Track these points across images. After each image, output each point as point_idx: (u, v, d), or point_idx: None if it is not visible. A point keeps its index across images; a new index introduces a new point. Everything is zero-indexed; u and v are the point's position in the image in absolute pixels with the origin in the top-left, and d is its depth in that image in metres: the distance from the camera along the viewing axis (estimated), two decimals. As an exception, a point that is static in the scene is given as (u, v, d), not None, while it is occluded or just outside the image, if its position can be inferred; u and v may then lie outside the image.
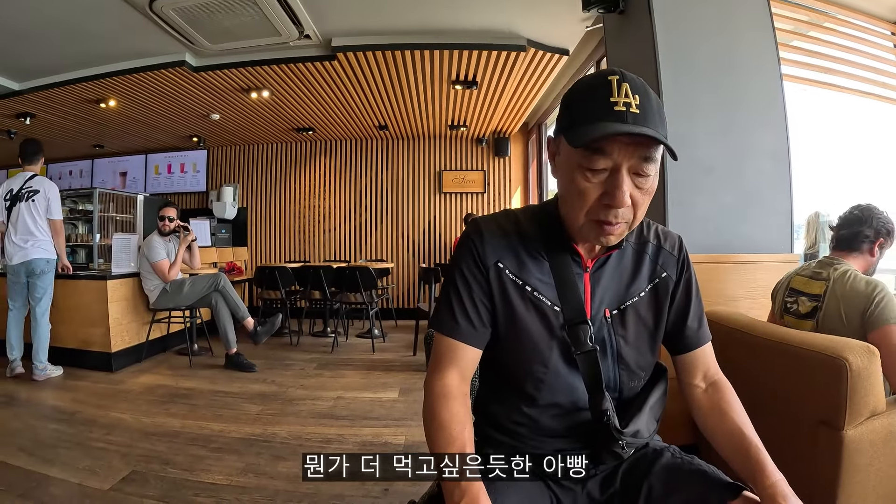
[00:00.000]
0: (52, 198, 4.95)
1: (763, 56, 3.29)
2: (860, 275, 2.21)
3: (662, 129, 1.02)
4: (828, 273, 2.27)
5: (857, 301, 2.11)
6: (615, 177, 1.02)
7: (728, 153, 3.17)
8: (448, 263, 1.33)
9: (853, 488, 1.73)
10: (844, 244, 2.38)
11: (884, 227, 2.34)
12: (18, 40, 5.29)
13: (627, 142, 1.00)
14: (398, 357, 6.09)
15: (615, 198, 1.02)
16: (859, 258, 2.35)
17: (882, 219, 2.35)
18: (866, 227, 2.33)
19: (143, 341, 5.63)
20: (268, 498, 2.67)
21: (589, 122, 1.01)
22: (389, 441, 3.45)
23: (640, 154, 1.02)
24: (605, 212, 1.05)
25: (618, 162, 1.02)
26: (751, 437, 1.14)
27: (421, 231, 9.46)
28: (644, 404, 1.24)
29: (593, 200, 1.05)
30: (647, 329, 1.25)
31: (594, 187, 1.04)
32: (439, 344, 1.21)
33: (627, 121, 0.98)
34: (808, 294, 2.32)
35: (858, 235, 2.34)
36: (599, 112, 1.00)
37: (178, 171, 9.90)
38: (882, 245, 2.37)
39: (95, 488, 2.73)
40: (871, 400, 1.71)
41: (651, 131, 0.99)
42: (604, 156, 1.02)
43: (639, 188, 1.05)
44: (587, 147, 1.02)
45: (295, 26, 5.04)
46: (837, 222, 2.46)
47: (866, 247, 2.35)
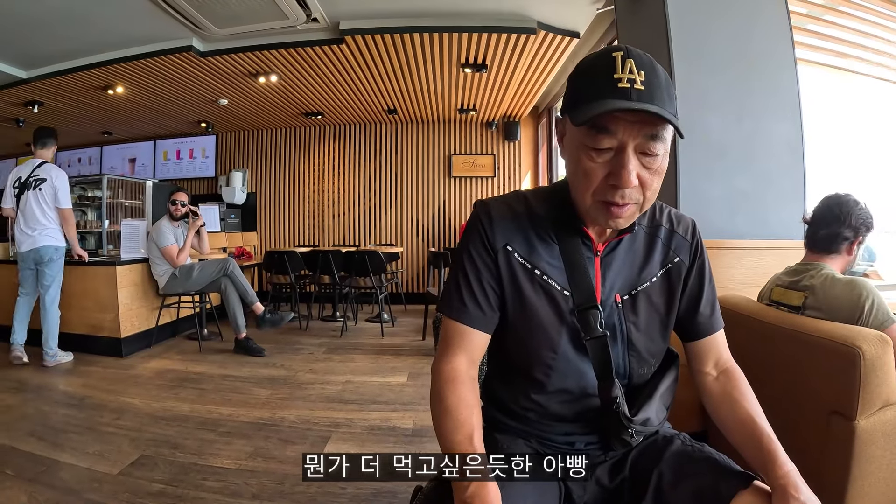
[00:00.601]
0: (60, 186, 4.91)
1: (777, 39, 3.25)
2: (839, 278, 2.09)
3: (670, 106, 0.98)
4: (806, 281, 2.16)
5: (842, 308, 1.99)
6: (621, 156, 0.99)
7: (741, 138, 3.14)
8: (456, 246, 1.31)
9: (865, 479, 1.70)
10: (822, 246, 2.22)
11: (863, 223, 2.17)
12: (25, 28, 5.28)
13: (632, 119, 0.97)
14: (407, 341, 6.11)
15: (621, 178, 0.98)
16: (837, 259, 2.21)
17: (861, 215, 2.16)
18: (845, 227, 2.16)
19: (152, 326, 5.66)
20: (276, 482, 2.68)
21: (592, 100, 0.97)
22: (398, 425, 3.45)
23: (646, 132, 0.98)
24: (611, 192, 1.01)
25: (623, 141, 0.98)
26: (763, 426, 1.11)
27: (430, 215, 9.44)
28: (654, 392, 1.22)
29: (599, 181, 1.02)
30: (658, 315, 1.23)
31: (600, 167, 1.01)
32: (447, 328, 1.18)
33: (631, 97, 0.94)
34: (787, 305, 2.21)
35: (838, 237, 2.17)
36: (603, 89, 0.96)
37: (187, 156, 9.91)
38: (861, 242, 2.21)
39: (105, 472, 2.74)
40: (885, 390, 1.68)
41: (655, 108, 0.94)
42: (608, 134, 0.98)
43: (646, 168, 1.01)
44: (591, 126, 0.98)
45: (302, 9, 5.00)
46: (812, 217, 2.27)
47: (845, 247, 2.19)
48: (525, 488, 1.09)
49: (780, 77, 3.23)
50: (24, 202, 4.82)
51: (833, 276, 2.09)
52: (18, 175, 4.90)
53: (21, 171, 4.91)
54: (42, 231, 4.81)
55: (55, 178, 4.90)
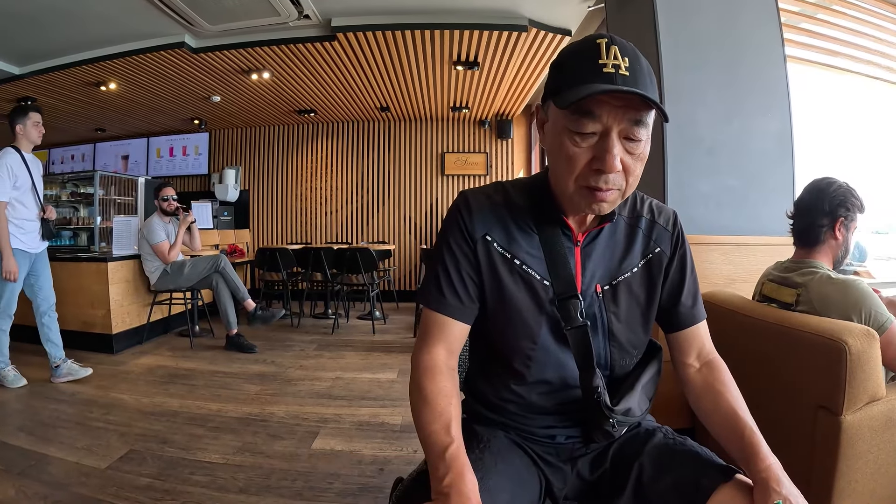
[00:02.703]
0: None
1: (767, 37, 3.26)
2: (834, 278, 1.99)
3: (653, 93, 0.98)
4: (798, 278, 2.09)
5: (835, 311, 1.92)
6: (605, 141, 0.99)
7: (730, 134, 3.15)
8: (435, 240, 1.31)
9: (852, 474, 1.71)
10: (803, 239, 2.14)
11: (840, 205, 2.04)
12: (18, 24, 5.26)
13: (617, 104, 0.97)
14: (398, 338, 6.12)
15: (605, 162, 0.98)
16: (824, 250, 2.10)
17: (836, 196, 2.04)
18: (819, 214, 2.05)
19: (144, 323, 5.66)
20: (263, 476, 2.69)
21: (577, 84, 0.97)
22: (386, 421, 3.46)
23: (631, 117, 0.98)
24: (595, 177, 1.01)
25: (607, 125, 0.98)
26: (745, 419, 1.11)
27: (423, 213, 9.43)
28: (636, 383, 1.22)
29: (583, 166, 1.02)
30: (639, 306, 1.23)
31: (584, 152, 1.01)
32: (427, 318, 1.18)
33: (616, 82, 0.95)
34: (778, 301, 2.16)
35: (812, 227, 2.08)
36: (588, 74, 0.96)
37: (180, 153, 9.88)
38: (844, 223, 2.06)
39: (93, 467, 2.75)
40: (871, 385, 1.68)
41: (641, 91, 0.95)
42: (592, 118, 0.98)
43: (630, 153, 1.01)
44: (575, 111, 0.98)
45: (294, 6, 5.00)
46: (793, 211, 2.19)
47: (827, 235, 2.07)
48: (503, 480, 1.09)
49: (769, 74, 3.25)
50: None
51: (828, 276, 2.01)
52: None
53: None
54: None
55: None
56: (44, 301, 4.36)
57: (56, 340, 4.34)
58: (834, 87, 4.68)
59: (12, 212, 4.09)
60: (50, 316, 4.37)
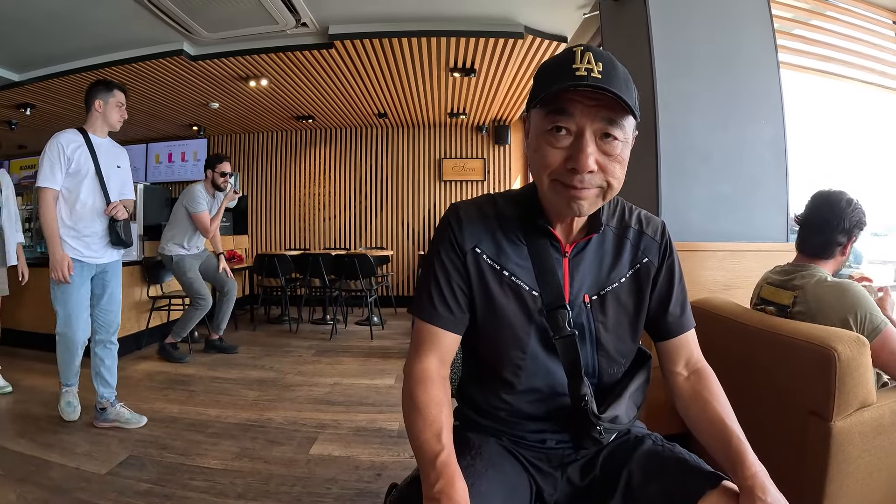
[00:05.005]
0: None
1: (761, 44, 3.29)
2: (830, 282, 2.05)
3: (628, 96, 1.01)
4: (797, 281, 2.14)
5: (831, 314, 1.97)
6: (579, 140, 1.03)
7: (724, 141, 3.17)
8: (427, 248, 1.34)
9: (843, 479, 1.73)
10: (814, 252, 2.18)
11: (856, 225, 2.11)
12: (17, 31, 5.27)
13: (590, 103, 1.01)
14: (396, 344, 6.14)
15: (579, 161, 1.02)
16: (830, 262, 2.16)
17: (854, 216, 2.10)
18: (838, 233, 2.10)
19: (142, 329, 5.67)
20: (261, 482, 2.71)
21: (550, 86, 1.02)
22: (384, 426, 3.48)
23: (604, 115, 1.02)
24: (570, 176, 1.04)
25: (580, 125, 1.02)
26: (732, 426, 1.13)
27: (421, 219, 9.46)
28: (624, 391, 1.24)
29: (558, 164, 1.05)
30: (627, 315, 1.25)
31: (559, 152, 1.04)
32: (419, 329, 1.21)
33: (588, 82, 0.99)
34: (775, 304, 2.20)
35: (831, 244, 2.13)
36: (561, 77, 1.01)
37: (179, 159, 9.88)
38: (854, 241, 2.15)
39: (93, 472, 2.77)
40: (861, 391, 1.70)
41: (609, 88, 0.98)
42: (565, 116, 1.02)
43: (606, 154, 1.04)
44: (550, 110, 1.03)
45: (291, 14, 5.02)
46: (803, 219, 2.22)
47: (839, 251, 2.15)
48: (495, 486, 1.10)
49: (763, 81, 3.27)
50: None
51: (825, 279, 2.07)
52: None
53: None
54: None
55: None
56: (102, 327, 3.55)
57: (108, 378, 3.55)
58: (828, 92, 4.71)
59: (63, 207, 3.35)
60: (107, 347, 3.57)
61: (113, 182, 3.49)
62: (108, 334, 3.55)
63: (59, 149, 3.28)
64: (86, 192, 3.37)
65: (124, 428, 3.39)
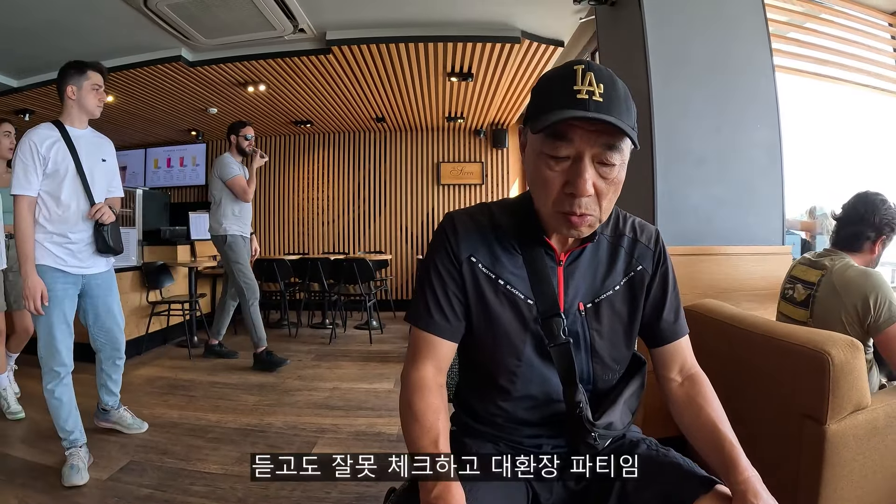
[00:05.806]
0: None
1: (756, 47, 3.29)
2: (857, 267, 2.16)
3: (628, 118, 1.01)
4: (826, 262, 2.24)
5: (853, 294, 2.07)
6: (577, 165, 1.03)
7: (720, 145, 3.17)
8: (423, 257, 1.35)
9: (838, 482, 1.73)
10: (844, 243, 2.29)
11: (888, 223, 2.22)
12: (16, 38, 5.29)
13: (590, 129, 1.00)
14: (395, 348, 6.15)
15: (577, 186, 1.02)
16: (859, 257, 2.26)
17: (887, 214, 2.22)
18: (868, 227, 2.22)
19: (142, 334, 5.66)
20: (261, 486, 2.70)
21: (551, 109, 1.01)
22: (383, 431, 3.50)
23: (603, 142, 1.01)
24: (569, 201, 1.05)
25: (580, 150, 1.02)
26: (725, 432, 1.14)
27: (419, 223, 9.46)
28: (619, 397, 1.25)
29: (557, 190, 1.06)
30: (621, 323, 1.26)
31: (557, 176, 1.05)
32: (415, 337, 1.22)
33: (589, 108, 0.98)
34: (804, 281, 2.29)
35: (860, 236, 2.25)
36: (562, 100, 1.00)
37: (178, 164, 9.88)
38: (885, 241, 2.27)
39: (94, 478, 2.77)
40: (855, 394, 1.71)
41: (611, 118, 0.98)
42: (565, 142, 1.02)
43: (603, 178, 1.05)
44: (550, 134, 1.02)
45: (289, 20, 5.05)
46: (840, 214, 2.35)
47: (867, 246, 2.26)
48: (491, 491, 1.12)
49: (758, 84, 3.27)
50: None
51: (853, 263, 2.19)
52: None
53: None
54: None
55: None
56: (106, 345, 3.22)
57: (114, 388, 3.36)
58: (823, 95, 4.72)
59: (42, 211, 2.88)
60: (115, 363, 3.30)
61: (98, 179, 3.09)
62: (114, 351, 3.24)
63: (32, 148, 2.83)
64: (68, 194, 2.92)
65: (125, 433, 3.39)
